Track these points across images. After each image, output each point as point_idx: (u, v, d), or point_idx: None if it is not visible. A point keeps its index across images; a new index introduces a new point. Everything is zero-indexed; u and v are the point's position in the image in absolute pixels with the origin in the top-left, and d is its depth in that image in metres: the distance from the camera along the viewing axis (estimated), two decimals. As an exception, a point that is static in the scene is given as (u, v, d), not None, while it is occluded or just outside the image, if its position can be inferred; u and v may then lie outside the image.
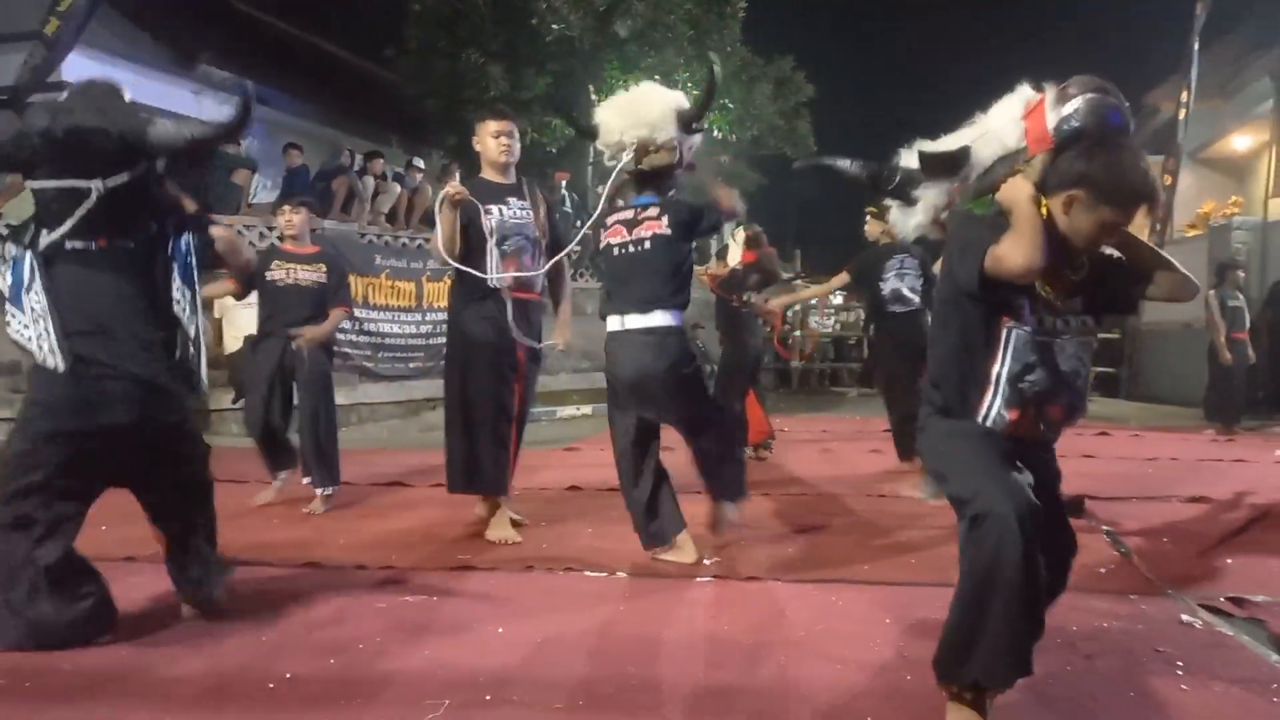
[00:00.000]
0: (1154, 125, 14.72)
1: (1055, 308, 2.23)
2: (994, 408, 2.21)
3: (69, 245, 2.74)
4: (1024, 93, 2.30)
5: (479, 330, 4.15)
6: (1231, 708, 2.25)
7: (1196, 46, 10.81)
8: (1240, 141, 14.20)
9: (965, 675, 2.07)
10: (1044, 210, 2.13)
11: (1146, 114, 15.61)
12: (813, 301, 17.80)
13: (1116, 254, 2.30)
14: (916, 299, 5.96)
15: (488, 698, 2.32)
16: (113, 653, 2.69)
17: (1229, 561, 3.70)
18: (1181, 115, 11.27)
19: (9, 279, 2.75)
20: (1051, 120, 2.17)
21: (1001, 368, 2.21)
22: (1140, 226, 2.32)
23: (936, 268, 5.10)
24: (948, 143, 2.39)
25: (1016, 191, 2.13)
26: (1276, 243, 11.03)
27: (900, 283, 5.96)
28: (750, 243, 7.24)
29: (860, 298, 8.21)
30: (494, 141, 4.24)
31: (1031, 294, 2.22)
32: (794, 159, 16.04)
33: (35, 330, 2.71)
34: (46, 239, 2.74)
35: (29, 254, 2.74)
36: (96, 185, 2.69)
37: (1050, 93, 2.22)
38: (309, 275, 5.09)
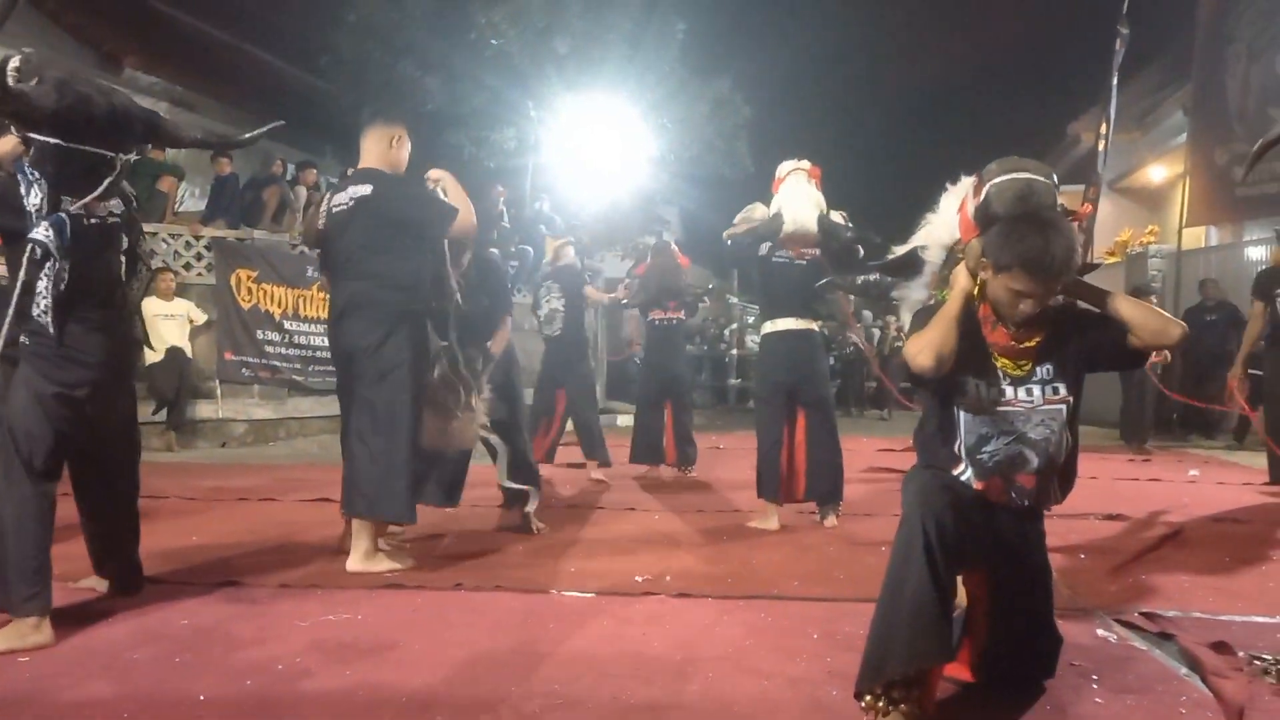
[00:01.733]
0: (1076, 155, 15.25)
1: (1016, 377, 2.30)
2: (964, 478, 2.33)
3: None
4: (962, 187, 2.53)
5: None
6: (1142, 718, 2.31)
7: (1115, 80, 11.21)
8: (1156, 172, 14.80)
9: (880, 676, 2.11)
10: (977, 289, 2.31)
11: (1069, 144, 16.19)
12: (749, 320, 18.15)
13: (1087, 307, 2.37)
14: (558, 325, 6.22)
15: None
16: (13, 674, 2.56)
17: (1143, 578, 3.81)
18: (1101, 146, 11.66)
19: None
20: (970, 209, 2.37)
21: (960, 443, 2.33)
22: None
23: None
24: (907, 246, 2.73)
25: (954, 280, 2.35)
26: (1190, 270, 11.51)
27: (557, 304, 6.24)
28: (648, 254, 7.49)
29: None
30: (405, 159, 4.13)
31: (982, 368, 2.30)
32: (732, 179, 16.30)
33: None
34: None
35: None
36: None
37: (969, 184, 2.43)
38: None
